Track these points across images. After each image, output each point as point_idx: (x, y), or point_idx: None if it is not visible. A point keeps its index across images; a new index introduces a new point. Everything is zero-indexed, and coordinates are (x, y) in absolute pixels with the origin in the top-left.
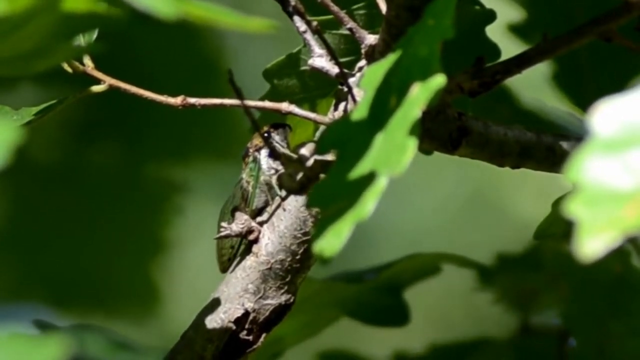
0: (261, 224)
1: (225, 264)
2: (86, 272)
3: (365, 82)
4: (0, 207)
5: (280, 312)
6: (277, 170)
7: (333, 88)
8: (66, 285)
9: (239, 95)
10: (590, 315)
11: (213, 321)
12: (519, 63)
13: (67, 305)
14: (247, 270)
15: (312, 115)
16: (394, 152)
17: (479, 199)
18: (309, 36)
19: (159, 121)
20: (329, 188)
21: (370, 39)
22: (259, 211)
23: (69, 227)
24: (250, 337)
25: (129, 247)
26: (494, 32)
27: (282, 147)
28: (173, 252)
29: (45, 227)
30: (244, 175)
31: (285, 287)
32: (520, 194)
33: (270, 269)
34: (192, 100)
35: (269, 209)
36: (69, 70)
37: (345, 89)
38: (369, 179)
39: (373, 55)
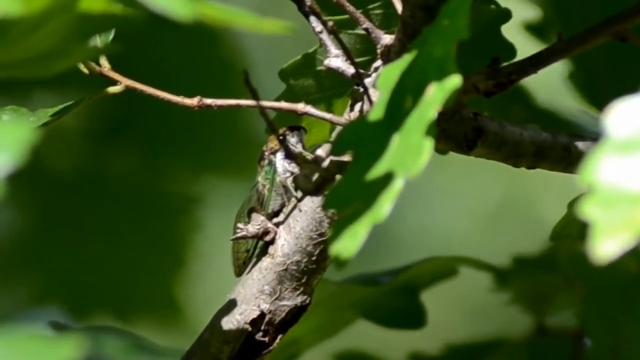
0: (277, 225)
1: (241, 268)
2: (105, 283)
3: (381, 82)
4: (20, 215)
5: (296, 313)
6: (292, 173)
7: (349, 88)
8: (85, 297)
9: (255, 96)
10: (605, 317)
11: (229, 322)
12: (535, 63)
13: (85, 316)
14: (263, 272)
15: (328, 115)
16: (410, 153)
17: (506, 204)
18: (324, 36)
19: (178, 132)
20: (345, 189)
21: (386, 39)
22: (275, 214)
23: (88, 237)
24: (266, 339)
25: (148, 258)
26: (510, 30)
27: (298, 149)
28: (192, 265)
29: (64, 237)
30: (259, 179)
31: (301, 289)
32: (547, 200)
33: (286, 270)
34: (208, 101)
35: (285, 210)
36: (86, 71)
37: (361, 90)
38: (385, 180)
39: (389, 55)
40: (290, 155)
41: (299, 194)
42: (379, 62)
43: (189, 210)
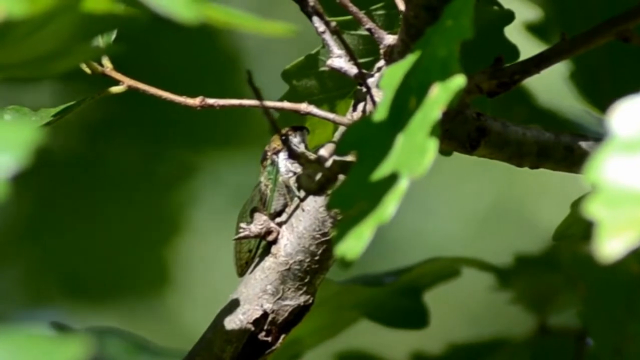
0: (280, 224)
1: (244, 268)
2: (101, 262)
3: (384, 82)
4: (18, 195)
5: (299, 313)
6: (295, 173)
7: (352, 89)
8: (80, 271)
9: (258, 96)
10: (608, 316)
11: (232, 322)
12: (538, 63)
13: (82, 293)
14: (266, 271)
15: (330, 115)
16: (414, 154)
17: (501, 205)
18: (327, 37)
19: (175, 112)
20: (349, 189)
21: (389, 39)
22: (277, 214)
23: (86, 221)
24: (269, 338)
25: (143, 237)
26: (511, 31)
27: (300, 149)
28: (186, 240)
29: (60, 215)
30: (262, 179)
31: (304, 288)
32: (542, 201)
33: (289, 269)
34: (210, 101)
35: (288, 210)
36: (88, 71)
37: (364, 90)
38: (389, 180)
39: (392, 55)
40: (293, 155)
41: (302, 193)
42: (381, 62)
43: (185, 184)
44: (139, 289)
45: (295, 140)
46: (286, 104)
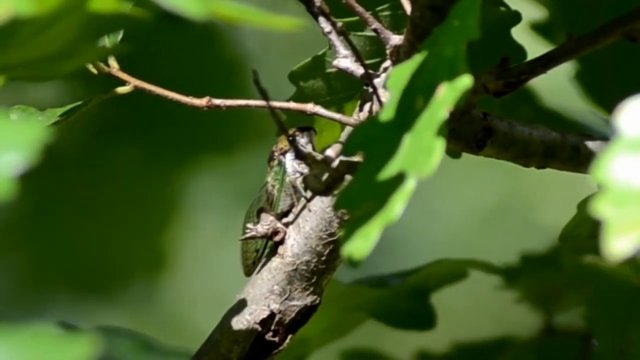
0: (287, 225)
1: (250, 268)
2: (103, 257)
3: (391, 83)
4: (20, 194)
5: (306, 313)
6: (302, 174)
7: (359, 90)
8: (84, 270)
9: (265, 96)
10: (611, 318)
11: (239, 322)
12: (544, 63)
13: (85, 287)
14: (273, 272)
15: (337, 116)
16: (421, 154)
17: (507, 205)
18: (334, 37)
19: (177, 113)
20: (356, 190)
21: (395, 39)
22: (284, 214)
23: (88, 217)
24: (276, 339)
25: (144, 231)
26: (516, 30)
27: (307, 150)
28: (186, 233)
29: (64, 218)
30: (269, 179)
31: (311, 289)
32: (548, 201)
33: (295, 270)
34: (217, 101)
35: (295, 210)
36: (94, 71)
37: (371, 90)
38: (396, 180)
39: (398, 56)
40: (299, 156)
41: (309, 194)
42: (388, 63)
43: (184, 178)
44: (139, 281)
45: (302, 140)
46: (292, 105)
